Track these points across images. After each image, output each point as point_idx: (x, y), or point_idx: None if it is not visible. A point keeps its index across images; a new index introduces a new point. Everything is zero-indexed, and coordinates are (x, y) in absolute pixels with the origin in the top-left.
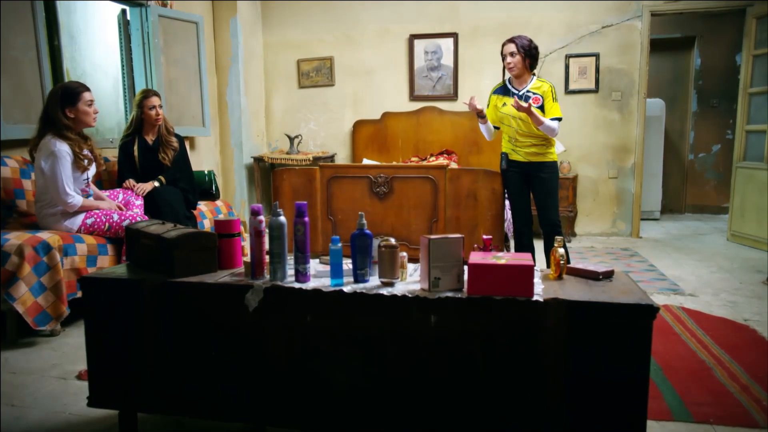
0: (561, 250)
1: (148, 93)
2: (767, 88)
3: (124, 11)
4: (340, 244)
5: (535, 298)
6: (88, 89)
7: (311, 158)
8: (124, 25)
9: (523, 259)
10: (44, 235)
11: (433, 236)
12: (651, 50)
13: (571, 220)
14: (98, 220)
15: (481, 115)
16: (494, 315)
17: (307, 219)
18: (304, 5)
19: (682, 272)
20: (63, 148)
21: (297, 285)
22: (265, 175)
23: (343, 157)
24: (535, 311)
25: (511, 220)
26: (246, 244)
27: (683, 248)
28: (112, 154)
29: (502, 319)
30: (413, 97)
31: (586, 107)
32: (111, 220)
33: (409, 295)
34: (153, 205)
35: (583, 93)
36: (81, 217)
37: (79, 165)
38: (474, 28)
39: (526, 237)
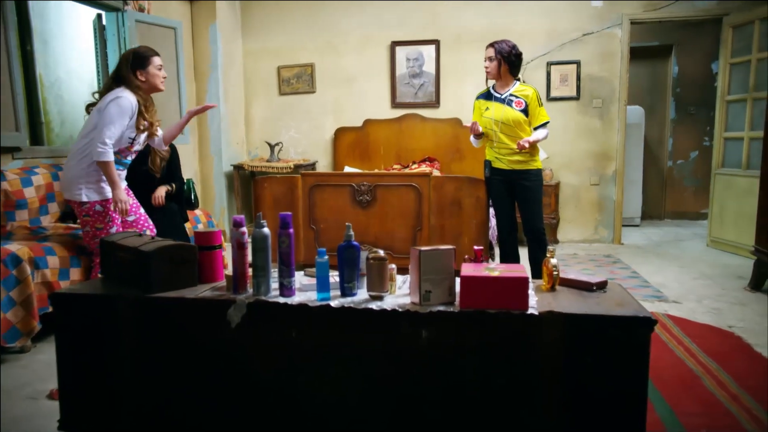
0: (554, 261)
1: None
2: (744, 96)
3: (99, 16)
4: (326, 257)
5: (530, 311)
6: (157, 54)
7: (292, 166)
8: (99, 30)
9: (517, 270)
10: (13, 247)
11: (423, 248)
12: (630, 58)
13: (553, 227)
14: (140, 224)
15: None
16: (488, 329)
17: (291, 230)
18: (284, 12)
19: (665, 279)
20: (131, 99)
21: (282, 299)
22: (245, 183)
23: (324, 165)
24: (531, 325)
25: (496, 228)
26: (227, 254)
27: (665, 255)
28: None
29: (497, 333)
30: (395, 104)
31: (567, 114)
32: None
33: (400, 310)
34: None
35: (565, 100)
36: (106, 191)
37: (140, 122)
38: (456, 35)
39: (511, 245)
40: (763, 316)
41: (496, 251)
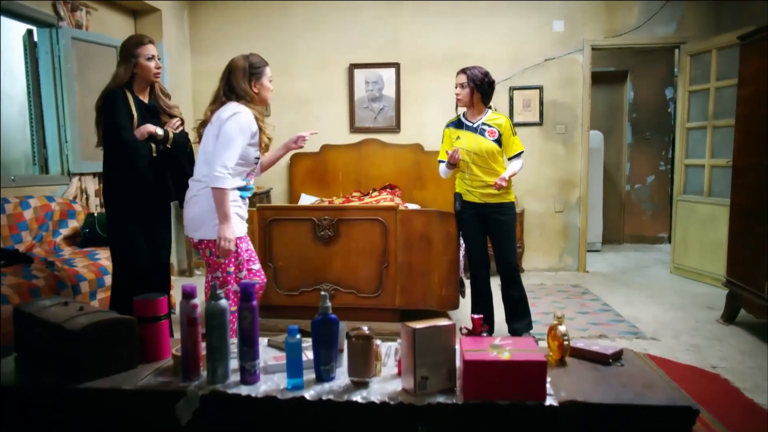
0: (562, 329)
1: (142, 39)
2: (704, 123)
3: (30, 32)
4: (298, 336)
5: (548, 401)
6: (268, 63)
7: None
8: (30, 47)
9: (529, 349)
10: None
11: (418, 325)
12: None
13: (518, 255)
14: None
15: (452, 165)
16: (498, 425)
17: (255, 303)
18: (236, 31)
19: (637, 311)
20: (250, 114)
21: (244, 390)
22: None
23: (279, 192)
24: (550, 418)
25: (464, 264)
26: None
27: (631, 283)
28: (14, 194)
29: (508, 428)
30: (354, 129)
31: (531, 140)
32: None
33: (391, 402)
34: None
35: (528, 126)
36: (235, 228)
37: (262, 139)
38: (416, 58)
39: (483, 281)
40: (744, 354)
41: (467, 288)
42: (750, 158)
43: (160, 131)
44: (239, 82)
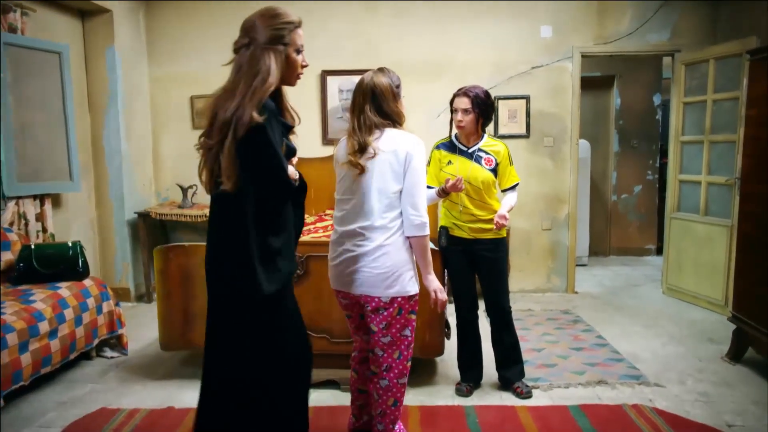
0: None
1: (292, 18)
2: (700, 137)
3: None
4: None
5: None
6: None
7: (208, 213)
8: None
9: None
10: None
11: None
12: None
13: None
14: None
15: (445, 194)
16: None
17: None
18: (198, 34)
19: (634, 346)
20: (422, 143)
21: None
22: (153, 231)
23: None
24: None
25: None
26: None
27: (623, 307)
28: None
29: None
30: (327, 140)
31: (517, 154)
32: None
33: None
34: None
35: (514, 138)
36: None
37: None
38: (395, 64)
39: (471, 325)
40: (758, 405)
41: (453, 332)
42: (760, 184)
43: (296, 173)
44: (390, 105)
